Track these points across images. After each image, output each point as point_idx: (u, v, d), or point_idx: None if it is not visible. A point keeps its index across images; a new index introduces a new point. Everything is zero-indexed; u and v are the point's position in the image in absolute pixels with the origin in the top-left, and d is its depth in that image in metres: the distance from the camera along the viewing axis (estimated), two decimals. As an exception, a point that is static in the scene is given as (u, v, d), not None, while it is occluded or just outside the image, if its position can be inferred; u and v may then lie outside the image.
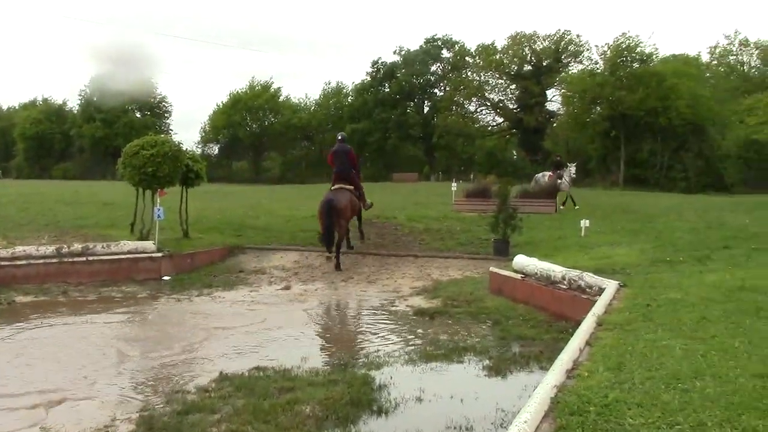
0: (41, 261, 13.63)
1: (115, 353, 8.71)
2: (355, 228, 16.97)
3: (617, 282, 9.71)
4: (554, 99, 71.71)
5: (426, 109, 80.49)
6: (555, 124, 72.02)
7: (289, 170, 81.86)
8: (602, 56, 62.10)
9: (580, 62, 69.80)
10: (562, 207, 25.41)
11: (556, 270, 10.92)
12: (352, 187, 16.17)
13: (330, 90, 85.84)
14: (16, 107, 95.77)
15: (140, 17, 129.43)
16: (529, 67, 72.62)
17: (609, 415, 4.22)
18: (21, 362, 8.15)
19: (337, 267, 15.23)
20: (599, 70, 61.90)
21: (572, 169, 26.20)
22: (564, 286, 10.46)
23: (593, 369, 5.26)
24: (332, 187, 16.00)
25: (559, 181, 25.87)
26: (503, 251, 15.52)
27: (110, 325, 10.40)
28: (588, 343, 6.25)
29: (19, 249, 13.82)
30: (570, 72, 68.40)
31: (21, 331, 9.80)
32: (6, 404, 6.59)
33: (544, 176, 27.43)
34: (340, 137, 17.13)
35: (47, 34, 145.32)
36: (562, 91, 66.86)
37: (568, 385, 4.89)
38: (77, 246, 14.24)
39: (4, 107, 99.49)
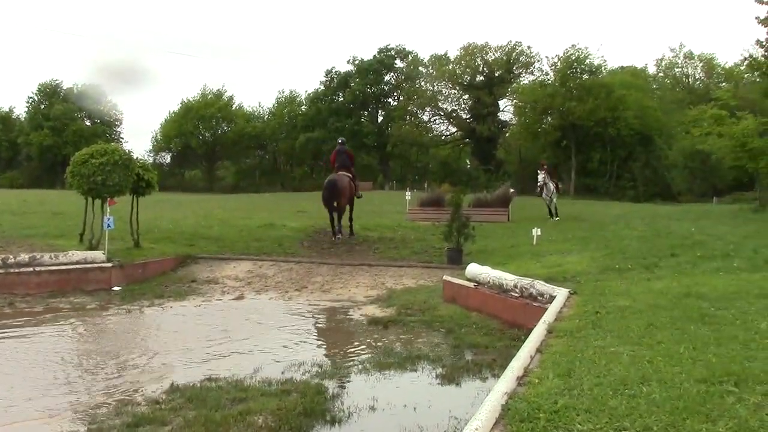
0: (-15, 272, 13.27)
1: (63, 366, 8.51)
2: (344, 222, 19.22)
3: (568, 290, 9.86)
4: (506, 109, 72.90)
5: (380, 119, 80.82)
6: (507, 134, 73.10)
7: (242, 179, 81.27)
8: (553, 67, 63.36)
9: (532, 73, 71.07)
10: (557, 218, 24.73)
11: (508, 278, 11.04)
12: (350, 175, 19.37)
13: (284, 98, 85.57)
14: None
15: (88, 24, 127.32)
16: (482, 78, 73.51)
17: (558, 422, 4.28)
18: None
19: (335, 234, 18.60)
20: (550, 81, 63.09)
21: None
22: (516, 294, 10.58)
23: (543, 376, 5.33)
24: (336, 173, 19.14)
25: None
26: (457, 260, 15.63)
27: (58, 337, 10.17)
28: (539, 351, 6.33)
29: (-37, 260, 13.44)
30: (521, 83, 69.57)
31: None
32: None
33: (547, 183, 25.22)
34: (341, 141, 21.04)
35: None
36: (514, 101, 67.96)
37: (518, 392, 4.94)
38: (24, 256, 13.91)
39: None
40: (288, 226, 20.95)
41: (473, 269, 12.21)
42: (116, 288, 13.98)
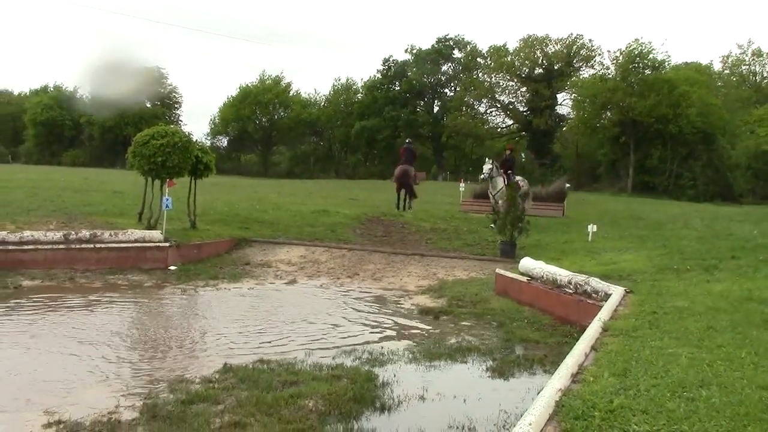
0: (48, 246, 13.66)
1: (120, 342, 8.73)
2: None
3: (624, 288, 9.69)
4: (564, 103, 71.75)
5: (436, 109, 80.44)
6: (564, 128, 71.98)
7: (297, 165, 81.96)
8: (614, 62, 62.08)
9: (592, 67, 69.84)
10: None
11: (562, 274, 10.91)
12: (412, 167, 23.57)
13: (340, 86, 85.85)
14: (27, 93, 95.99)
15: (153, 7, 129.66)
16: (540, 70, 72.52)
17: (614, 421, 4.21)
18: (28, 348, 8.19)
19: (405, 207, 22.56)
20: (611, 76, 61.87)
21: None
22: (570, 291, 10.44)
23: (598, 374, 5.25)
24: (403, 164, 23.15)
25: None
26: (509, 253, 15.51)
27: (115, 314, 10.43)
28: (593, 348, 6.24)
29: (27, 234, 13.85)
30: (581, 76, 68.37)
31: (27, 316, 9.83)
32: (13, 389, 6.62)
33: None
34: (408, 141, 25.69)
35: (60, 21, 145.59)
36: (573, 95, 66.85)
37: (573, 389, 4.88)
38: (85, 233, 14.28)
39: (16, 93, 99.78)
40: (341, 213, 21.04)
41: (527, 263, 12.09)
42: (172, 267, 14.25)
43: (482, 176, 20.79)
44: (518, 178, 20.41)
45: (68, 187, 25.60)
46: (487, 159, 21.48)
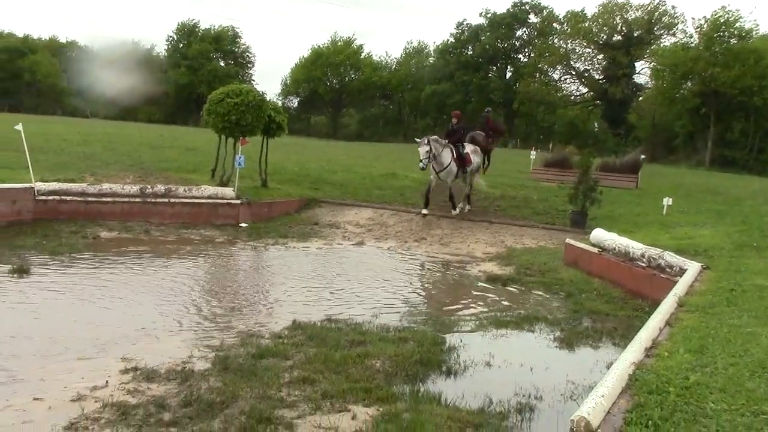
0: (126, 199, 14.07)
1: (192, 295, 8.97)
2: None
3: (700, 264, 9.41)
4: (643, 71, 69.39)
5: (508, 75, 78.99)
6: (641, 98, 69.84)
7: (366, 128, 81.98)
8: (698, 30, 59.68)
9: (674, 35, 67.16)
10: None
11: (635, 247, 10.65)
12: (483, 134, 21.08)
13: (412, 49, 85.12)
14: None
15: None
16: (619, 37, 70.21)
17: (689, 398, 4.10)
18: (104, 298, 8.49)
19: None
20: (693, 44, 59.54)
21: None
22: (643, 264, 10.19)
23: (673, 350, 5.12)
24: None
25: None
26: (580, 223, 15.22)
27: (189, 266, 10.69)
28: (668, 323, 6.08)
29: (106, 186, 14.28)
30: (662, 44, 65.99)
31: (105, 267, 10.18)
32: (92, 337, 6.88)
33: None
34: (487, 110, 23.10)
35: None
36: (652, 63, 64.68)
37: (646, 364, 4.77)
38: (160, 187, 14.64)
39: (95, 49, 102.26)
40: (410, 177, 20.99)
41: (599, 234, 11.85)
42: (243, 224, 14.51)
43: (420, 165, 15.46)
44: (469, 148, 16.66)
45: (144, 143, 26.26)
46: (417, 140, 16.24)
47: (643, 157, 25.50)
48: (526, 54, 78.16)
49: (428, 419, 5.08)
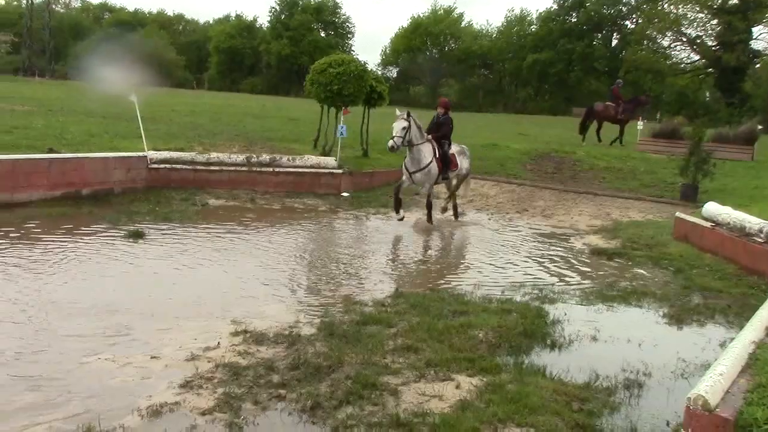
0: (232, 168, 14.48)
1: (296, 261, 9.18)
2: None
3: (824, 240, 8.88)
4: (761, 37, 65.51)
5: (614, 42, 76.35)
6: (759, 65, 66.00)
7: (465, 98, 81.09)
8: (824, -9, 55.76)
9: (797, -3, 63.01)
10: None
11: (752, 221, 10.12)
12: (614, 105, 24.10)
13: (513, 18, 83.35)
14: (211, 22, 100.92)
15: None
16: (735, 1, 66.50)
17: (816, 380, 3.89)
18: (213, 263, 8.79)
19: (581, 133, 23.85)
20: (819, 7, 55.73)
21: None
22: (760, 240, 9.68)
23: (796, 329, 4.87)
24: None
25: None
26: (691, 197, 14.64)
27: (293, 234, 10.93)
28: (789, 302, 5.78)
29: (213, 155, 14.72)
30: (783, 7, 62.04)
31: (214, 233, 10.53)
32: (204, 301, 7.15)
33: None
34: (618, 81, 25.43)
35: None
36: (772, 28, 60.93)
37: (767, 343, 4.55)
38: (265, 156, 14.97)
39: (201, 21, 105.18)
40: (511, 147, 20.67)
41: (712, 208, 11.33)
42: (345, 194, 14.69)
43: (389, 144, 11.72)
44: (455, 148, 13.23)
45: (248, 113, 26.90)
46: (398, 112, 12.15)
47: (760, 127, 24.16)
48: (634, 20, 75.20)
49: (533, 391, 5.02)
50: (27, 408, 4.54)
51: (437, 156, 12.34)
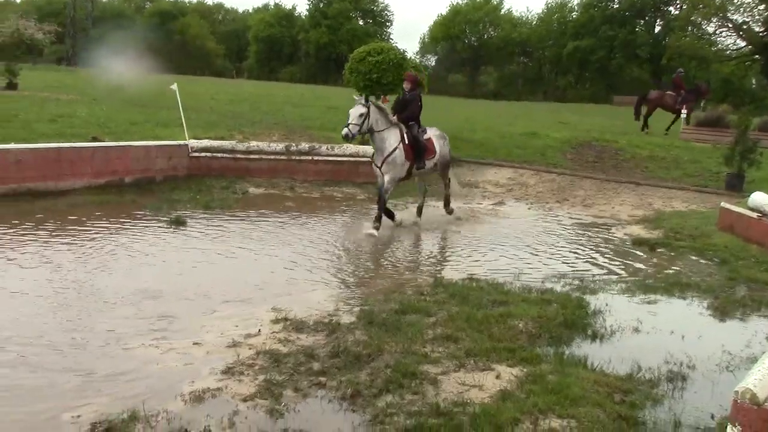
0: (272, 157, 14.55)
1: (337, 251, 9.21)
2: None
3: None
4: (812, 22, 63.67)
5: (657, 29, 74.95)
6: (808, 52, 64.26)
7: (504, 86, 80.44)
8: None
9: None
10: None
11: (800, 212, 9.90)
12: (674, 94, 23.98)
13: (554, 4, 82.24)
14: (250, 11, 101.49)
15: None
16: (784, -15, 64.79)
17: None
18: (253, 251, 8.87)
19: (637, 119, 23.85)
20: None
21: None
22: (808, 231, 9.47)
23: None
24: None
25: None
26: (736, 186, 14.31)
27: (332, 223, 10.98)
28: (840, 295, 5.63)
29: (253, 144, 14.81)
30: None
31: (254, 221, 10.62)
32: (245, 288, 7.22)
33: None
34: (680, 70, 25.07)
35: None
36: (823, 13, 59.23)
37: (817, 337, 4.44)
38: (304, 145, 15.02)
39: (240, 10, 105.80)
40: (551, 136, 20.42)
41: (759, 198, 11.06)
42: (386, 183, 14.65)
43: (344, 132, 10.02)
44: (431, 133, 11.38)
45: (287, 102, 27.02)
46: (356, 96, 10.89)
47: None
48: (678, 6, 73.72)
49: (574, 382, 4.98)
50: (74, 390, 4.65)
51: (406, 143, 10.51)
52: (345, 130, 9.94)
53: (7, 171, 10.89)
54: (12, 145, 11.49)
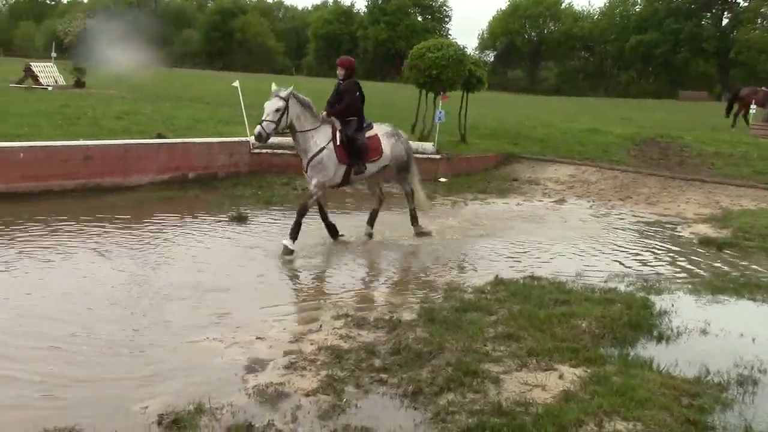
0: (329, 153, 14.59)
1: (397, 247, 9.22)
2: None
3: None
4: None
5: (724, 21, 72.82)
6: None
7: (565, 82, 79.27)
8: None
9: None
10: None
11: None
12: None
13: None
14: (309, 8, 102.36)
15: None
16: None
17: None
18: (309, 250, 8.94)
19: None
20: None
21: None
22: None
23: None
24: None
25: None
26: (809, 185, 13.82)
27: (391, 219, 10.96)
28: None
29: (313, 140, 14.88)
30: None
31: (313, 217, 10.67)
32: (303, 282, 7.29)
33: None
34: None
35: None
36: None
37: None
38: (363, 142, 15.03)
39: (299, 8, 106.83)
40: (613, 132, 20.03)
41: (833, 197, 10.68)
42: (442, 179, 14.62)
43: (257, 130, 8.32)
44: (379, 130, 9.55)
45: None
46: (273, 86, 8.80)
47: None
48: (748, -2, 71.49)
49: (639, 384, 4.87)
50: (143, 382, 4.75)
51: (338, 144, 8.82)
52: (258, 128, 8.29)
53: (77, 167, 11.20)
54: (81, 142, 11.83)
